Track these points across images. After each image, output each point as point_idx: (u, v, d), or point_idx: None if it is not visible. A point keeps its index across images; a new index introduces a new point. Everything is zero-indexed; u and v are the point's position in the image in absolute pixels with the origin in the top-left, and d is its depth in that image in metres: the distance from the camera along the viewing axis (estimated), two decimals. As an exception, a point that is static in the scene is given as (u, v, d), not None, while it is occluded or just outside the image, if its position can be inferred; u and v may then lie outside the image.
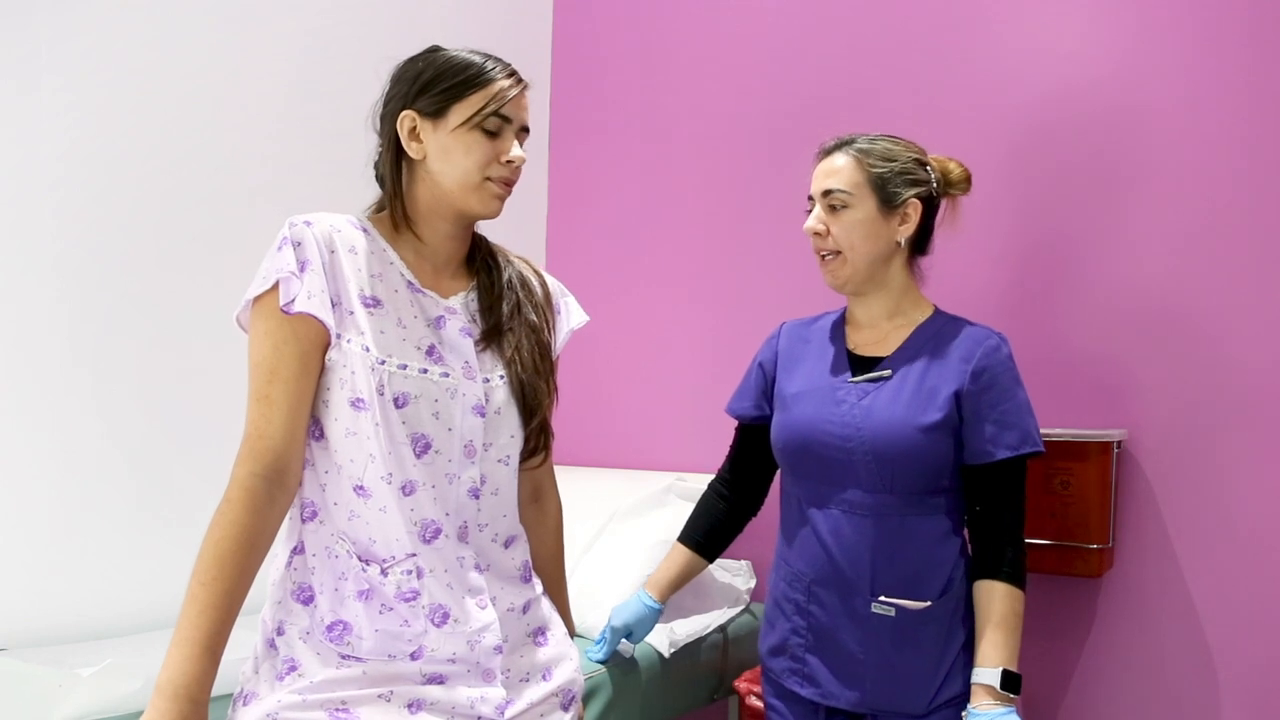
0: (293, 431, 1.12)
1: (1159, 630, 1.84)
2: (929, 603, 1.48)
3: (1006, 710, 1.39)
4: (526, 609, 1.27)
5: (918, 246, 1.59)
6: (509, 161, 1.21)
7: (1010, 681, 1.41)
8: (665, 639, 1.85)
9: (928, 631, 1.48)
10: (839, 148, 1.56)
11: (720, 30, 2.45)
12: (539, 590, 1.32)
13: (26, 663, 1.44)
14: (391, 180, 1.24)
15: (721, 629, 2.04)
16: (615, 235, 2.61)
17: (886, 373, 1.53)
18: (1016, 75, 2.01)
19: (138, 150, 1.82)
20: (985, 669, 1.42)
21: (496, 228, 1.37)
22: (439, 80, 1.19)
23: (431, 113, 1.19)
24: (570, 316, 1.38)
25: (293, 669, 1.12)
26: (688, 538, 1.76)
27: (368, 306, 1.17)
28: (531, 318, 1.30)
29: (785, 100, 2.32)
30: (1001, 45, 2.03)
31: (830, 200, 1.53)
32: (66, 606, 1.73)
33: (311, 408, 1.15)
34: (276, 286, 1.12)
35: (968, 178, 1.61)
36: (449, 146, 1.19)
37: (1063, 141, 1.95)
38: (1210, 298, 1.80)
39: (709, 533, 1.75)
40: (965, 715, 1.42)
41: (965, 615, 1.50)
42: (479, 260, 1.31)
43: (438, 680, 1.15)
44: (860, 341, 1.60)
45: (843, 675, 1.51)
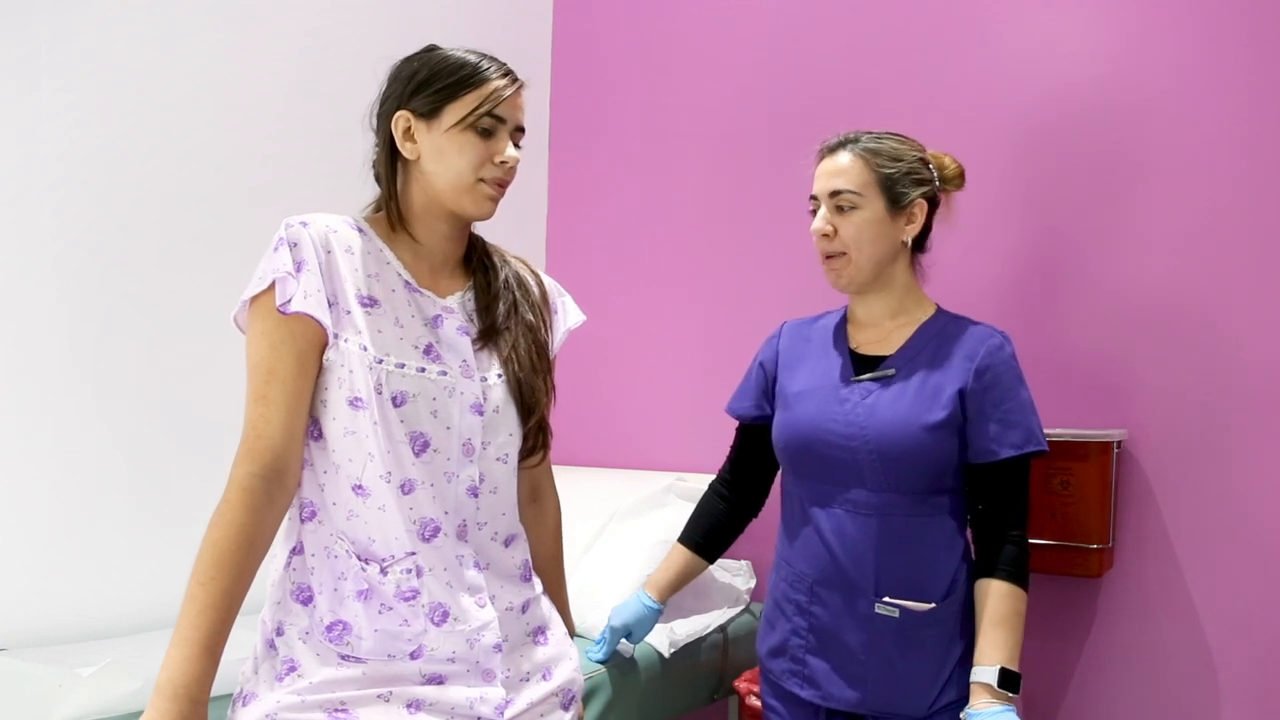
0: (291, 431, 1.12)
1: (1159, 630, 1.84)
2: (933, 604, 1.47)
3: (1005, 709, 1.38)
4: (526, 608, 1.27)
5: (917, 244, 1.58)
6: (503, 162, 1.21)
7: (1008, 680, 1.39)
8: (665, 639, 1.85)
9: (931, 634, 1.48)
10: (843, 146, 1.54)
11: (720, 30, 2.44)
12: (538, 589, 1.32)
13: (26, 663, 1.44)
14: (387, 180, 1.24)
15: (721, 629, 2.04)
16: (615, 235, 2.61)
17: (890, 371, 1.52)
18: (1017, 74, 2.01)
19: (138, 150, 1.83)
20: (983, 667, 1.41)
21: (497, 228, 1.37)
22: (433, 80, 1.19)
23: (426, 113, 1.19)
24: (567, 316, 1.38)
25: (292, 669, 1.12)
26: (687, 539, 1.75)
27: (365, 306, 1.17)
28: (528, 317, 1.30)
29: (786, 100, 2.32)
30: (1002, 44, 2.03)
31: (838, 201, 1.51)
32: (66, 606, 1.73)
33: (310, 408, 1.15)
34: (273, 287, 1.12)
35: (962, 173, 1.60)
36: (443, 147, 1.19)
37: (1063, 141, 1.95)
38: (1210, 297, 1.80)
39: (709, 534, 1.74)
40: (963, 716, 1.41)
41: (968, 619, 1.48)
42: (475, 260, 1.31)
43: (437, 680, 1.15)
44: (863, 340, 1.59)
45: (843, 676, 1.50)
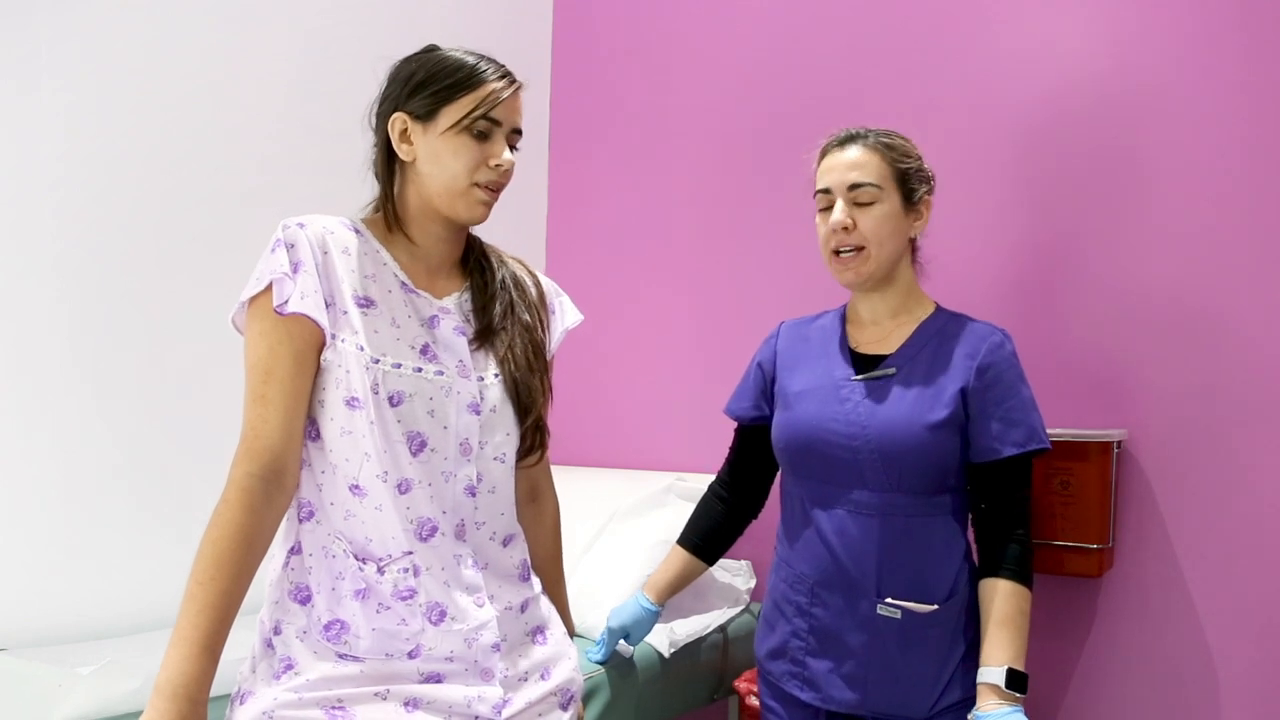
0: (290, 431, 1.12)
1: (1159, 630, 1.83)
2: (935, 606, 1.46)
3: (1013, 709, 1.36)
4: (525, 608, 1.27)
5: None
6: (497, 165, 1.20)
7: (1016, 680, 1.38)
8: (665, 639, 1.85)
9: (933, 635, 1.47)
10: (853, 140, 1.52)
11: (720, 30, 2.44)
12: (537, 589, 1.32)
13: (26, 663, 1.45)
14: (384, 182, 1.24)
15: (721, 629, 2.04)
16: (615, 235, 2.61)
17: (891, 370, 1.51)
18: (1017, 74, 2.01)
19: (137, 150, 1.83)
20: (990, 668, 1.39)
21: (496, 228, 1.37)
22: (430, 82, 1.19)
23: (422, 115, 1.19)
24: (565, 316, 1.38)
25: (289, 667, 1.12)
26: (687, 541, 1.75)
27: (361, 306, 1.17)
28: (525, 317, 1.30)
29: (786, 100, 2.32)
30: (1002, 44, 2.03)
31: (857, 195, 1.49)
32: (66, 606, 1.73)
33: (308, 408, 1.15)
34: (270, 288, 1.12)
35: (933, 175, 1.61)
36: (438, 149, 1.19)
37: (1063, 140, 1.95)
38: (1211, 297, 1.80)
39: (708, 535, 1.74)
40: (971, 717, 1.39)
41: (970, 621, 1.48)
42: (473, 261, 1.31)
43: (435, 679, 1.15)
44: (862, 339, 1.58)
45: (844, 678, 1.49)
